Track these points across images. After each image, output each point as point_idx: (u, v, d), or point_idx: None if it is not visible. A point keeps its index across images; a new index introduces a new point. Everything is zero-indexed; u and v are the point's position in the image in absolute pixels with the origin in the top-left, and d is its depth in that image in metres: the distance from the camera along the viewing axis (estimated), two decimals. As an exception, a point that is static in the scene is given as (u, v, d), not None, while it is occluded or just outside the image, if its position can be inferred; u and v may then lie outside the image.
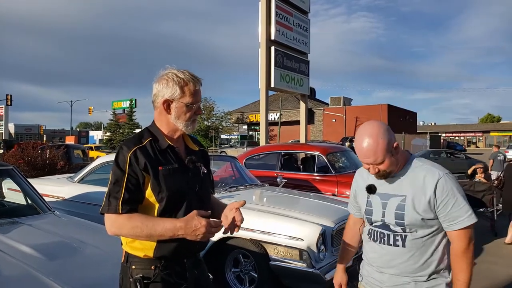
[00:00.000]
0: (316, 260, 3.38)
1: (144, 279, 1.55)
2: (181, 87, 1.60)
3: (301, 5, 14.19)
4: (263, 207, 3.91)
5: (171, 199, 1.57)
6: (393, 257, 1.71)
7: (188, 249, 1.63)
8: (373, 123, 1.67)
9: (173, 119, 1.63)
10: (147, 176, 1.55)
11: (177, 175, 1.60)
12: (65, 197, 4.77)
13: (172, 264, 1.61)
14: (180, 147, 1.70)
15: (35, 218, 3.02)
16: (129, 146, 1.58)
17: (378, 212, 1.73)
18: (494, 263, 5.12)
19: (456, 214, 1.60)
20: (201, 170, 1.72)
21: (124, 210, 1.52)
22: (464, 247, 1.61)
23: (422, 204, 1.61)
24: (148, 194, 1.57)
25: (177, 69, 1.65)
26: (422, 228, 1.65)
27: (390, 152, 1.62)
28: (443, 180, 1.62)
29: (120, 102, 49.47)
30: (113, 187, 1.55)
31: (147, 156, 1.56)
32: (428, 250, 1.66)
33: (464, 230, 1.61)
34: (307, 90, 14.83)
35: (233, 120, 47.86)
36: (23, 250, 2.32)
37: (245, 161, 6.98)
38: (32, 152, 9.35)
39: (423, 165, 1.69)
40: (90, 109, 49.79)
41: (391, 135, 1.65)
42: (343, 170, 6.66)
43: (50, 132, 66.08)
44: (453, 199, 1.60)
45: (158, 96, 1.63)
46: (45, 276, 2.00)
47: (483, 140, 63.17)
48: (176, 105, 1.61)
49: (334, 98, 47.59)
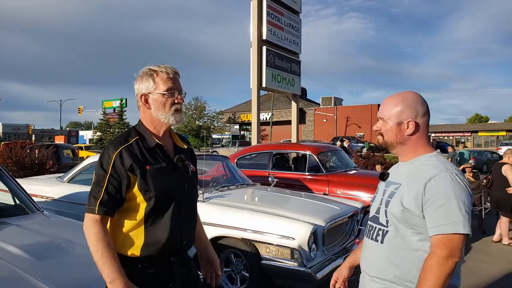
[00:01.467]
0: (308, 259, 3.38)
1: (130, 278, 1.54)
2: (153, 79, 1.61)
3: (293, 5, 14.23)
4: (255, 207, 3.91)
5: (160, 199, 1.56)
6: (370, 254, 1.59)
7: (174, 248, 1.62)
8: (415, 93, 1.58)
9: (154, 112, 1.62)
10: (132, 176, 1.54)
11: (165, 174, 1.59)
12: (54, 197, 4.71)
13: (159, 263, 1.60)
14: (168, 145, 1.69)
15: (23, 219, 2.97)
16: (115, 146, 1.57)
17: (378, 199, 1.63)
18: (482, 261, 5.19)
19: (441, 217, 1.37)
20: (190, 169, 1.71)
21: (101, 212, 1.52)
22: (439, 256, 1.35)
23: (410, 195, 1.45)
24: (135, 193, 1.55)
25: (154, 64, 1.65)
26: (404, 226, 1.47)
27: (399, 121, 1.53)
28: (442, 177, 1.42)
29: (111, 101, 49.02)
30: (94, 187, 1.56)
31: (133, 155, 1.55)
32: (406, 256, 1.46)
33: (444, 237, 1.36)
34: (298, 90, 14.89)
35: (225, 119, 47.77)
36: (11, 250, 2.28)
37: (237, 160, 6.98)
38: (21, 151, 9.24)
39: (431, 159, 1.52)
40: (80, 109, 49.32)
41: (415, 113, 1.52)
42: (334, 169, 6.70)
43: (39, 132, 65.31)
44: (444, 200, 1.38)
45: (138, 94, 1.65)
46: (33, 277, 1.97)
47: (472, 140, 63.97)
48: (153, 97, 1.61)
49: (325, 98, 47.84)
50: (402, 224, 1.48)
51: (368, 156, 13.17)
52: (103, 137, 45.29)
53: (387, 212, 1.53)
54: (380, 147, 1.66)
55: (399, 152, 1.60)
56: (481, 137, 62.54)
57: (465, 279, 4.81)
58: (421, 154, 1.55)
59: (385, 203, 1.55)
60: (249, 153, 7.38)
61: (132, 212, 1.57)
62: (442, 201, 1.38)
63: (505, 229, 6.10)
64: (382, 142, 1.61)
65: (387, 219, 1.53)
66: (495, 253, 5.61)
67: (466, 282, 4.37)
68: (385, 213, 1.54)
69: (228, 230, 3.62)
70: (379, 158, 12.79)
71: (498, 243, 6.10)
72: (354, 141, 28.32)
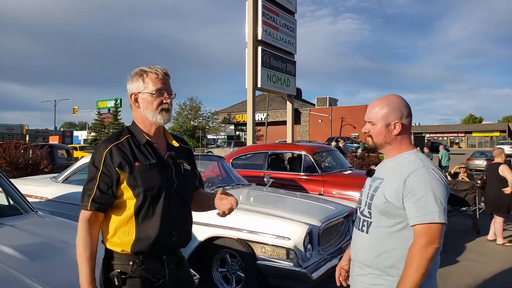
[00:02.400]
0: (303, 259, 3.39)
1: (121, 274, 1.56)
2: (143, 79, 1.66)
3: (288, 5, 14.26)
4: (250, 207, 3.90)
5: (147, 194, 1.59)
6: (357, 244, 1.72)
7: (165, 245, 1.64)
8: (399, 97, 1.71)
9: (143, 111, 1.67)
10: (122, 172, 1.58)
11: (154, 170, 1.62)
12: (48, 197, 4.68)
13: (150, 260, 1.62)
14: (160, 143, 1.72)
15: (17, 219, 2.95)
16: (106, 144, 1.63)
17: (365, 194, 1.74)
18: (477, 261, 5.22)
19: (420, 208, 1.49)
20: (183, 167, 1.73)
21: (92, 207, 1.58)
22: (420, 244, 1.48)
23: (391, 189, 1.57)
24: (124, 189, 1.60)
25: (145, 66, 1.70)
26: (385, 217, 1.60)
27: (387, 122, 1.66)
28: (420, 171, 1.55)
29: (105, 101, 48.87)
30: (87, 184, 1.62)
31: (123, 153, 1.60)
32: (388, 244, 1.59)
33: (424, 227, 1.49)
34: (293, 90, 14.92)
35: (220, 120, 47.77)
36: (5, 251, 2.27)
37: (232, 161, 6.98)
38: (15, 152, 9.17)
39: (411, 156, 1.65)
40: (74, 109, 49.04)
41: (400, 114, 1.66)
42: (329, 169, 6.71)
43: (33, 132, 64.84)
44: (422, 192, 1.50)
45: (129, 93, 1.70)
46: (27, 277, 1.96)
47: (466, 140, 64.42)
48: (142, 97, 1.66)
49: (320, 99, 47.95)
50: (383, 216, 1.61)
51: (363, 156, 13.22)
52: (98, 137, 45.14)
53: (372, 205, 1.66)
54: (370, 148, 1.77)
55: (385, 151, 1.73)
56: (475, 137, 63.01)
57: (459, 279, 4.83)
58: (402, 152, 1.68)
59: (370, 197, 1.68)
60: (245, 153, 7.37)
61: (122, 209, 1.61)
62: (420, 194, 1.51)
63: (499, 228, 6.15)
64: (372, 144, 1.73)
65: (370, 211, 1.67)
66: (489, 253, 5.64)
67: (460, 282, 4.40)
68: (369, 206, 1.67)
69: (223, 230, 3.62)
70: (374, 159, 12.84)
71: (492, 243, 6.14)
72: (349, 141, 28.39)
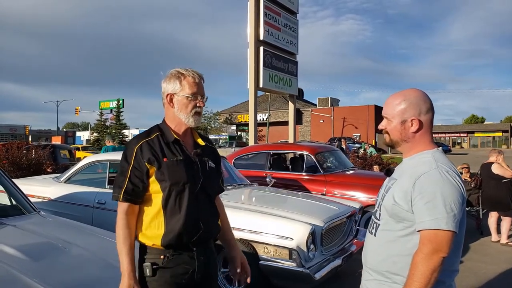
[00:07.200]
0: (306, 260, 3.37)
1: (153, 265, 1.68)
2: (180, 81, 1.74)
3: (290, 5, 14.22)
4: (253, 207, 3.89)
5: (173, 189, 1.68)
6: (367, 246, 1.66)
7: (192, 238, 1.72)
8: (417, 91, 1.59)
9: (176, 112, 1.76)
10: (151, 167, 1.69)
11: (181, 166, 1.71)
12: (51, 197, 4.68)
13: (180, 253, 1.71)
14: (188, 142, 1.81)
15: (20, 219, 2.95)
16: (138, 140, 1.74)
17: (379, 195, 1.66)
18: (481, 261, 5.20)
19: (426, 213, 1.39)
20: (208, 164, 1.83)
21: (124, 199, 1.68)
22: (424, 252, 1.37)
23: (401, 190, 1.48)
24: (152, 183, 1.70)
25: (181, 67, 1.79)
26: (394, 220, 1.50)
27: (402, 119, 1.54)
28: (432, 173, 1.44)
29: (108, 102, 48.94)
30: (118, 177, 1.72)
31: (153, 149, 1.70)
32: (395, 249, 1.50)
33: (429, 233, 1.38)
34: (295, 90, 14.88)
35: (222, 120, 47.78)
36: (7, 251, 2.26)
37: (234, 161, 6.97)
38: (17, 152, 9.20)
39: (427, 156, 1.53)
40: (77, 109, 49.21)
41: (418, 111, 1.53)
42: (332, 170, 6.69)
43: (36, 133, 64.91)
44: (430, 196, 1.39)
45: (164, 93, 1.78)
46: (29, 278, 1.95)
47: (468, 140, 64.23)
48: (178, 98, 1.75)
49: (322, 99, 47.96)
50: (392, 218, 1.52)
51: (364, 156, 13.18)
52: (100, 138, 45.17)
53: (382, 206, 1.58)
54: (387, 145, 1.70)
55: (403, 149, 1.63)
56: (477, 137, 62.83)
57: (463, 279, 4.79)
58: (420, 151, 1.56)
59: (382, 198, 1.61)
60: (247, 153, 7.37)
61: (151, 202, 1.71)
62: (428, 197, 1.40)
63: (506, 228, 6.07)
64: (389, 141, 1.64)
65: (380, 213, 1.59)
66: (493, 253, 5.62)
67: (464, 282, 4.38)
68: (380, 207, 1.59)
69: (226, 231, 3.60)
70: (376, 159, 12.80)
71: (496, 243, 6.12)
72: (350, 141, 28.36)
